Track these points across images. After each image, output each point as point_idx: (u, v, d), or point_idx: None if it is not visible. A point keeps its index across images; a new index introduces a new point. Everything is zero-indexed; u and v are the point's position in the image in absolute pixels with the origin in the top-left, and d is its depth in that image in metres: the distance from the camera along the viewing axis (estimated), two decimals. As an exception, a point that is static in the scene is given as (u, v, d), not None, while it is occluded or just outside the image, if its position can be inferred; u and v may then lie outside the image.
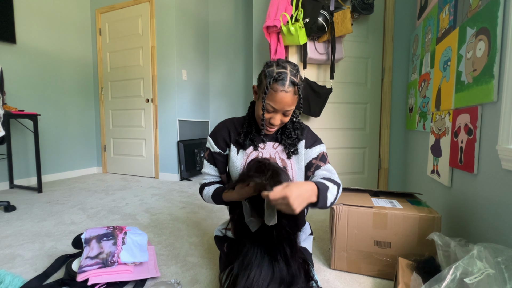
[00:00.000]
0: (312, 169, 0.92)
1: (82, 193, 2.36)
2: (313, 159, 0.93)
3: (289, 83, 0.80)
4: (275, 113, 0.85)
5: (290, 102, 0.82)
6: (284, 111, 0.84)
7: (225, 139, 0.96)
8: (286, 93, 0.81)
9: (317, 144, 0.96)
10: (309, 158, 0.93)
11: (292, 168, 0.93)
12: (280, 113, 0.85)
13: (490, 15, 0.95)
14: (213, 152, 0.97)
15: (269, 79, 0.81)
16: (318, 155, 0.93)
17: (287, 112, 0.85)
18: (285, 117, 0.87)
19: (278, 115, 0.85)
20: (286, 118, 0.87)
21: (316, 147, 0.94)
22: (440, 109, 1.37)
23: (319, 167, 0.91)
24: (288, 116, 0.87)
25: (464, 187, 1.16)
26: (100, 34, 3.21)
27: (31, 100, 2.65)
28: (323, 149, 0.96)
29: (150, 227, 1.59)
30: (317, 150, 0.94)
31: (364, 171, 2.22)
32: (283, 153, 0.93)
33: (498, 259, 0.66)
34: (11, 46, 2.48)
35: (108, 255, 0.99)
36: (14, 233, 1.49)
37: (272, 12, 1.90)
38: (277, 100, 0.81)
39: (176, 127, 2.92)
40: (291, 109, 0.85)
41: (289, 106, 0.83)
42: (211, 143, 0.97)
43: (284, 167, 0.91)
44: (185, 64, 3.00)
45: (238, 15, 3.18)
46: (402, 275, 0.87)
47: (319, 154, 0.93)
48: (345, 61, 2.09)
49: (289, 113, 0.86)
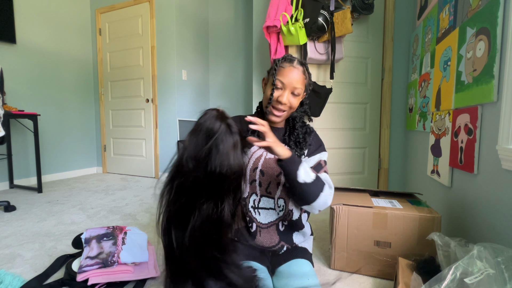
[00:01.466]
0: None
1: (82, 193, 2.36)
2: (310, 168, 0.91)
3: (298, 62, 0.84)
4: (283, 91, 0.83)
5: (298, 78, 0.82)
6: (293, 88, 0.82)
7: None
8: (295, 68, 0.82)
9: (318, 152, 0.92)
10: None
11: None
12: (289, 90, 0.83)
13: (490, 15, 0.95)
14: None
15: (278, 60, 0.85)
16: (315, 164, 0.90)
17: (296, 90, 0.83)
18: (294, 97, 0.84)
19: (287, 92, 0.83)
20: (294, 100, 0.85)
21: (316, 156, 0.91)
22: (440, 109, 1.37)
23: None
24: (297, 98, 0.85)
25: (464, 187, 1.16)
26: (100, 34, 3.21)
27: (31, 100, 2.65)
28: (323, 157, 0.92)
29: (150, 227, 1.59)
30: (316, 158, 0.91)
31: (364, 171, 2.22)
32: None
33: (498, 259, 0.66)
34: (11, 46, 2.48)
35: (108, 255, 0.99)
36: (14, 233, 1.49)
37: (272, 12, 1.90)
38: (285, 73, 0.82)
39: (176, 127, 2.92)
40: (300, 88, 0.83)
41: (298, 83, 0.82)
42: None
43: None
44: (185, 64, 3.00)
45: (238, 15, 3.18)
46: (402, 275, 0.87)
47: (315, 163, 0.90)
48: (345, 61, 2.09)
49: (298, 92, 0.83)
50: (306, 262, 0.87)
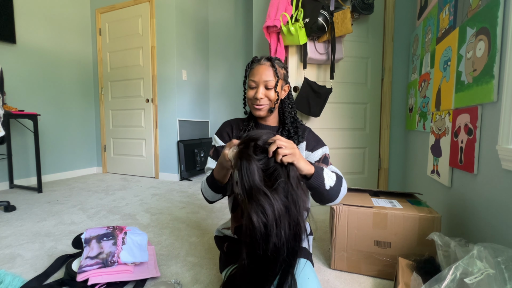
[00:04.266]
0: None
1: (82, 193, 2.36)
2: (315, 162, 0.92)
3: (264, 59, 0.91)
4: (258, 88, 0.90)
5: (266, 72, 0.89)
6: (264, 82, 0.88)
7: (229, 134, 0.99)
8: (261, 65, 0.90)
9: (320, 146, 0.95)
10: (311, 160, 0.92)
11: None
12: (262, 86, 0.89)
13: (490, 15, 0.95)
14: (217, 147, 0.98)
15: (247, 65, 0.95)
16: (320, 157, 0.92)
17: (267, 83, 0.88)
18: (268, 90, 0.89)
19: (260, 88, 0.89)
20: (270, 93, 0.90)
21: (319, 150, 0.93)
22: (440, 109, 1.37)
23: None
24: (271, 89, 0.89)
25: (464, 187, 1.16)
26: (100, 34, 3.21)
27: (31, 100, 2.65)
28: (326, 151, 0.95)
29: (150, 227, 1.59)
30: (320, 152, 0.93)
31: (364, 171, 2.22)
32: None
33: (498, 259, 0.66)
34: (11, 46, 2.48)
35: (108, 255, 0.99)
36: (14, 233, 1.49)
37: (272, 12, 1.89)
38: (254, 73, 0.90)
39: (176, 127, 2.92)
40: (271, 80, 0.89)
41: (267, 76, 0.88)
42: (216, 139, 1.00)
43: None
44: (185, 64, 3.00)
45: (238, 15, 3.18)
46: (402, 275, 0.87)
47: (321, 157, 0.92)
48: (345, 61, 2.09)
49: (270, 84, 0.89)
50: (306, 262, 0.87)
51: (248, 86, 0.93)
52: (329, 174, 0.79)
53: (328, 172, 0.80)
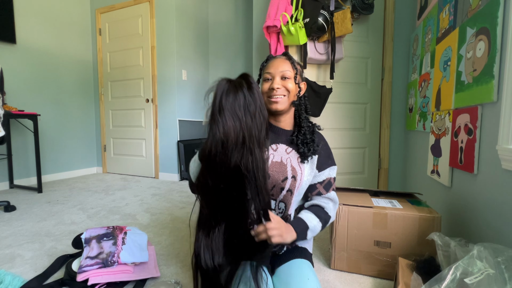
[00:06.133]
0: (313, 193, 0.90)
1: (82, 193, 2.36)
2: (318, 183, 0.90)
3: (281, 54, 0.89)
4: (273, 79, 0.86)
5: (283, 64, 0.85)
6: (280, 73, 0.85)
7: None
8: (277, 58, 0.87)
9: (328, 166, 0.91)
10: (315, 181, 0.90)
11: (301, 179, 0.86)
12: (278, 76, 0.85)
13: (490, 15, 0.95)
14: None
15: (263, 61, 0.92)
16: (324, 180, 0.89)
17: (284, 73, 0.85)
18: (285, 81, 0.85)
19: (276, 78, 0.85)
20: (288, 83, 0.85)
21: (325, 171, 0.90)
22: (440, 109, 1.37)
23: (320, 194, 0.89)
24: (289, 80, 0.85)
25: (464, 187, 1.16)
26: (100, 34, 3.21)
27: (31, 100, 2.65)
28: (332, 173, 0.91)
29: (150, 227, 1.59)
30: (326, 174, 0.90)
31: (364, 171, 2.22)
32: (295, 159, 0.87)
33: (498, 259, 0.66)
34: (11, 46, 2.48)
35: (108, 255, 0.99)
36: (14, 233, 1.49)
37: (272, 12, 1.90)
38: (270, 66, 0.87)
39: (176, 127, 2.92)
40: (288, 71, 0.85)
41: (284, 67, 0.85)
42: None
43: (293, 176, 0.85)
44: (185, 64, 3.00)
45: (238, 15, 3.18)
46: (402, 275, 0.87)
47: (325, 179, 0.89)
48: (345, 61, 2.09)
49: (288, 74, 0.85)
50: (306, 262, 0.87)
51: (263, 79, 0.88)
52: (314, 229, 0.83)
53: (315, 226, 0.83)
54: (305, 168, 0.87)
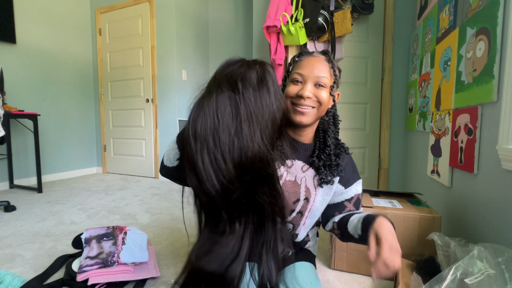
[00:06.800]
0: (343, 212, 0.78)
1: (82, 193, 2.36)
2: (345, 201, 0.77)
3: (317, 52, 0.71)
4: (304, 84, 0.67)
5: (321, 66, 0.66)
6: (315, 78, 0.66)
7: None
8: (314, 57, 0.68)
9: (354, 181, 0.78)
10: (341, 198, 0.77)
11: (315, 200, 0.74)
12: (311, 81, 0.66)
13: (490, 15, 0.95)
14: None
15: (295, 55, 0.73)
16: (353, 197, 0.77)
17: (320, 79, 0.66)
18: (319, 89, 0.66)
19: (308, 84, 0.66)
20: (321, 93, 0.66)
21: (353, 187, 0.77)
22: (440, 109, 1.37)
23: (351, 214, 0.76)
24: (324, 89, 0.67)
25: (464, 187, 1.16)
26: (100, 34, 3.21)
27: (31, 100, 2.65)
28: (360, 189, 0.79)
29: (150, 227, 1.59)
30: (353, 190, 0.78)
31: (364, 171, 2.22)
32: (311, 179, 0.74)
33: (498, 260, 0.66)
34: (11, 46, 2.48)
35: (108, 255, 0.99)
36: (14, 233, 1.48)
37: (272, 12, 1.89)
38: (303, 64, 0.67)
39: (176, 127, 2.92)
40: (325, 77, 0.66)
41: (321, 72, 0.66)
42: None
43: (306, 197, 0.73)
44: (185, 64, 3.00)
45: (238, 15, 3.18)
46: (402, 275, 0.87)
47: (354, 196, 0.77)
48: (345, 61, 2.09)
49: (324, 81, 0.66)
50: (310, 265, 0.85)
51: (291, 80, 0.69)
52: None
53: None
54: (322, 191, 0.75)
